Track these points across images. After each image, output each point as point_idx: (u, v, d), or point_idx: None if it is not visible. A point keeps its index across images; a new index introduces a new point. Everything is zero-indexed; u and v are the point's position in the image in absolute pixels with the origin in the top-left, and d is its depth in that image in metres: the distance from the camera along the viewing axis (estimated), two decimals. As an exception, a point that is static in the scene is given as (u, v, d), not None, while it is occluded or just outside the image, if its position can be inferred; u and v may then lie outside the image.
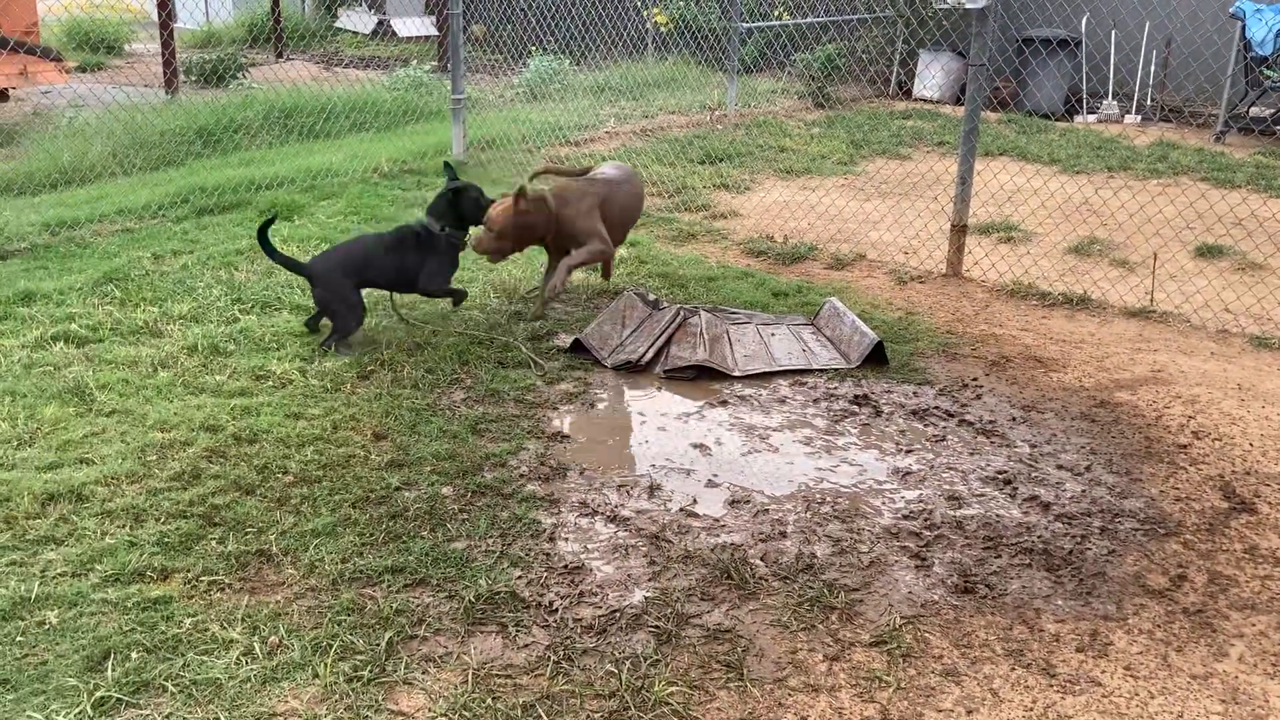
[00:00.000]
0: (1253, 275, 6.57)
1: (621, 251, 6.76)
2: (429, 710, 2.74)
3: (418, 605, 3.16)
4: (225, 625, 3.03)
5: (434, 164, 8.95)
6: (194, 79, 12.72)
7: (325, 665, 2.87)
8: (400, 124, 10.47)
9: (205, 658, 2.90)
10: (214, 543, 3.44)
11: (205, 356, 4.88)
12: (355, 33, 18.13)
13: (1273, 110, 11.66)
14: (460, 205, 5.48)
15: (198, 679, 2.81)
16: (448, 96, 9.34)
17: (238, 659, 2.90)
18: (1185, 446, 4.32)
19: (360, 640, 2.98)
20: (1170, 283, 6.33)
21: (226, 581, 3.25)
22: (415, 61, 13.75)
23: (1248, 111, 11.75)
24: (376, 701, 2.76)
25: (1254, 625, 3.21)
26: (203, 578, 3.26)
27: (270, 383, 4.64)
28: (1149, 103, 13.06)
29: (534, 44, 13.99)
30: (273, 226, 5.47)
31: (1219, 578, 3.45)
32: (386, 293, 5.46)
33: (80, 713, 2.69)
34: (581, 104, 11.59)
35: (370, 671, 2.86)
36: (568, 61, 13.13)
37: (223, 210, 7.38)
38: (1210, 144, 11.19)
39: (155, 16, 12.16)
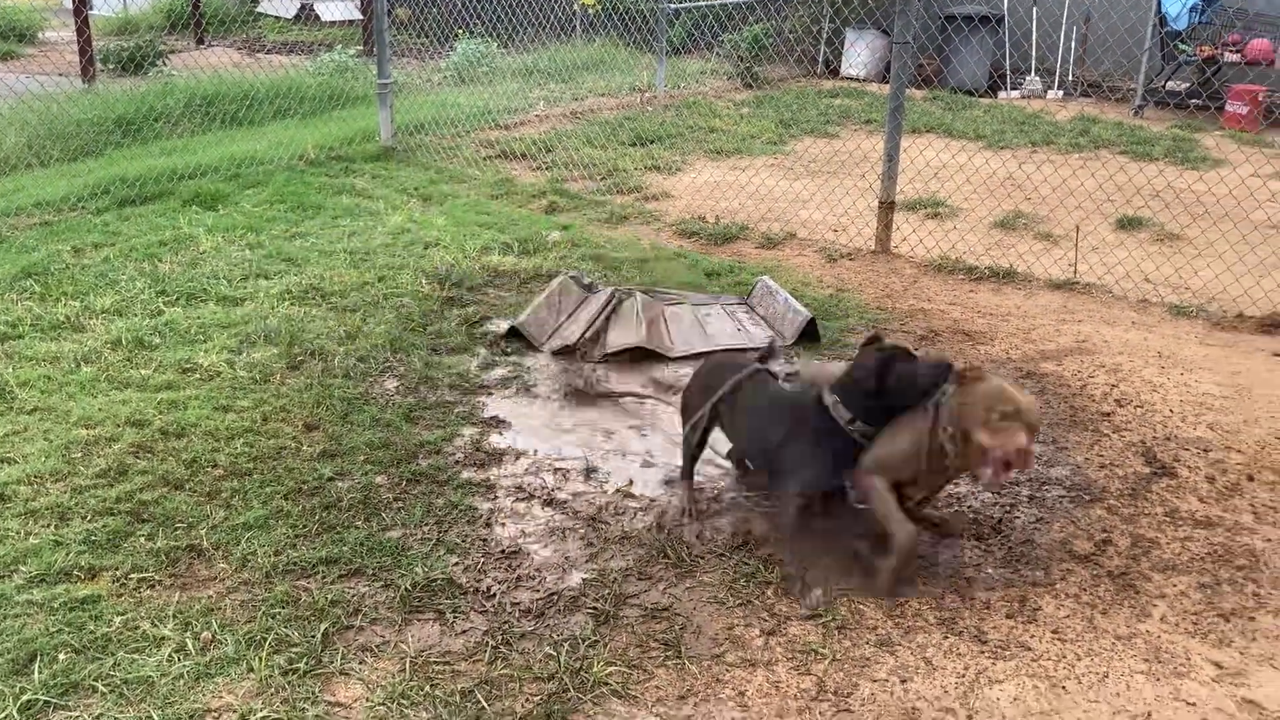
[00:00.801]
0: (1171, 246, 6.74)
1: (555, 235, 6.75)
2: (366, 700, 2.73)
3: (353, 595, 3.14)
4: (156, 622, 2.99)
5: (361, 150, 8.84)
6: (111, 67, 12.41)
7: (260, 659, 2.84)
8: (326, 110, 10.32)
9: (136, 656, 2.85)
10: (143, 539, 3.38)
11: (129, 350, 4.78)
12: (277, 18, 17.81)
13: (1188, 84, 11.93)
14: (888, 386, 3.26)
15: (129, 678, 2.77)
16: (373, 81, 9.22)
17: (170, 656, 2.86)
18: (1109, 414, 4.43)
19: (295, 632, 2.96)
20: (1093, 254, 6.46)
21: (157, 578, 3.20)
22: (340, 46, 13.55)
23: (1164, 86, 12.02)
24: (313, 693, 2.74)
25: (1175, 586, 3.31)
26: (132, 575, 3.20)
27: (197, 375, 4.56)
28: (1070, 78, 13.30)
29: (460, 27, 13.85)
30: (197, 216, 5.26)
31: (1141, 541, 3.54)
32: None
33: (6, 716, 2.63)
34: (510, 87, 11.52)
35: (306, 663, 2.84)
36: (495, 44, 13.02)
37: (145, 201, 7.22)
38: (1129, 118, 11.43)
39: (69, 3, 11.82)
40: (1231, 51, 11.82)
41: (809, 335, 5.18)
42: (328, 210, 7.13)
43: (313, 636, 2.94)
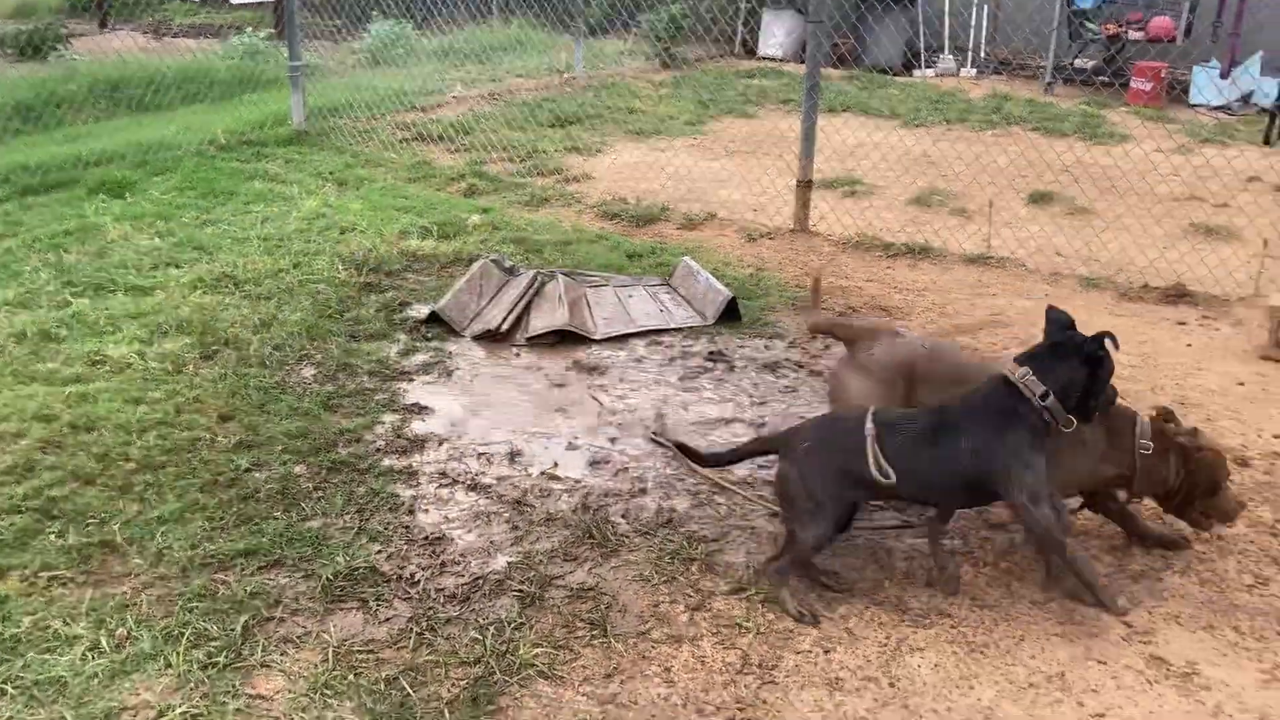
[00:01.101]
0: (1081, 219, 6.90)
1: (475, 218, 6.69)
2: (289, 691, 2.69)
3: (273, 587, 3.09)
4: (68, 621, 2.91)
5: (274, 134, 8.66)
6: (9, 51, 11.98)
7: (178, 654, 2.78)
8: (236, 94, 10.07)
9: (48, 656, 2.78)
10: (53, 536, 3.29)
11: (35, 343, 4.63)
12: (185, 0, 17.33)
13: (1094, 61, 12.21)
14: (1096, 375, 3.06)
15: (40, 679, 2.70)
16: (285, 64, 9.02)
17: (83, 655, 2.79)
18: (1021, 385, 4.52)
19: (214, 626, 2.90)
20: (1005, 229, 6.59)
21: (68, 576, 3.12)
22: (250, 28, 13.23)
23: (1072, 63, 12.28)
24: (233, 687, 2.70)
25: (1088, 550, 3.39)
26: (42, 573, 3.11)
27: (107, 368, 4.44)
28: (982, 56, 13.52)
29: (374, 8, 13.61)
30: (103, 204, 5.10)
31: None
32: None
33: (-88, 724, 2.55)
34: (426, 69, 11.36)
35: (226, 657, 2.79)
36: (410, 25, 12.83)
37: (48, 189, 6.99)
38: (1040, 95, 11.65)
39: (-39, -15, 11.39)
40: (1135, 29, 12.12)
41: (730, 314, 5.21)
42: (240, 196, 6.97)
43: (232, 630, 2.89)
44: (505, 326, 4.98)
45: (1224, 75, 10.64)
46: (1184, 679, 2.82)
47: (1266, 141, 9.23)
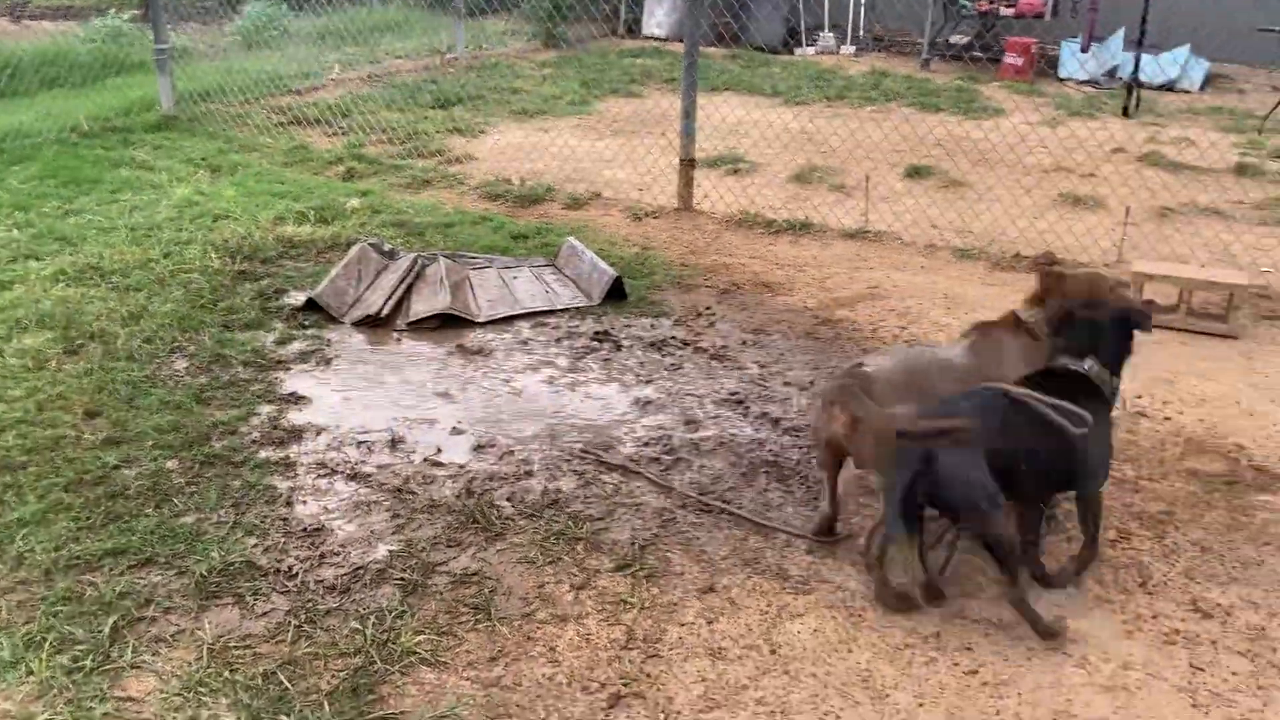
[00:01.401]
0: (955, 192, 7.07)
1: (354, 202, 6.56)
2: (161, 691, 2.62)
3: (144, 586, 3.00)
4: (-78, 632, 2.78)
5: (141, 120, 8.36)
6: None
7: (40, 660, 2.68)
8: (100, 78, 9.67)
9: (-101, 670, 2.65)
10: (-96, 545, 3.13)
11: (-118, 344, 4.40)
12: (44, -19, 16.55)
13: (968, 38, 12.51)
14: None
15: (-109, 694, 2.57)
16: (151, 47, 8.70)
17: (-62, 667, 2.66)
18: (899, 355, 4.63)
19: (80, 629, 2.80)
20: (883, 204, 6.72)
21: (-79, 585, 2.97)
22: (113, 10, 12.71)
23: (947, 39, 12.57)
24: (101, 690, 2.61)
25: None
26: (-108, 584, 2.96)
27: (-38, 367, 4.24)
28: (861, 34, 13.75)
29: (247, -11, 13.22)
30: None
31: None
32: None
33: None
34: (303, 51, 11.08)
35: (93, 660, 2.69)
36: (285, 6, 12.48)
37: (-105, 181, 6.64)
38: (917, 71, 11.91)
39: None
40: (1006, 5, 12.45)
41: (616, 294, 5.21)
42: (105, 184, 6.71)
43: (99, 632, 2.79)
44: (385, 311, 4.90)
45: (1084, 49, 11.00)
46: (1052, 632, 2.93)
47: (1125, 113, 9.58)
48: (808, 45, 13.43)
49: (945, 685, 2.72)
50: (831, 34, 13.57)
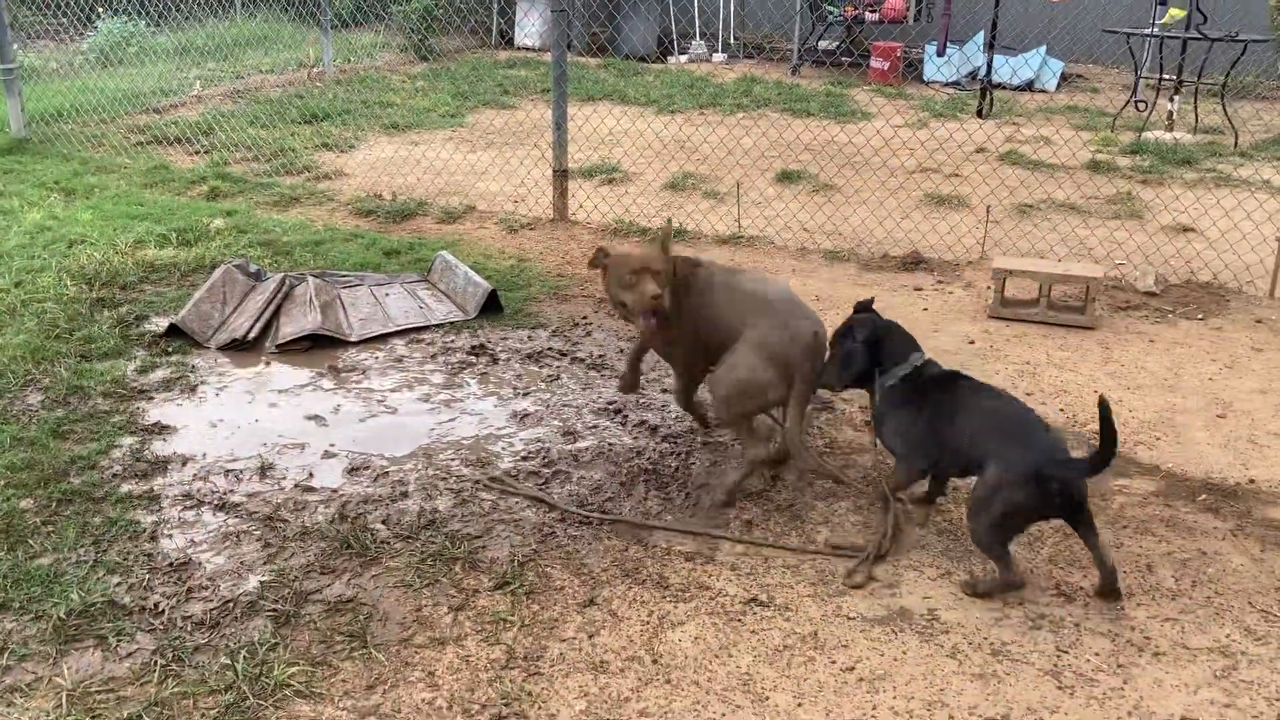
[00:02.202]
0: (825, 195, 7.21)
1: (218, 222, 6.37)
2: (16, 746, 2.49)
3: (-3, 634, 2.85)
4: None
5: (-10, 143, 7.99)
6: None
7: (-118, 721, 2.53)
8: (-58, 100, 9.21)
9: None
10: None
11: None
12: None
13: (837, 43, 12.80)
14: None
15: None
16: (-3, 66, 8.33)
17: None
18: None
19: (-74, 685, 2.65)
20: (754, 209, 6.82)
21: None
22: (-42, 28, 12.12)
23: (816, 45, 12.83)
24: (-50, 749, 2.48)
25: (835, 511, 3.56)
26: None
27: None
28: (733, 41, 13.94)
29: (101, 4, 12.75)
30: None
31: (805, 473, 3.79)
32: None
33: None
34: (162, 68, 10.74)
35: (-60, 717, 2.56)
36: (143, 23, 12.09)
37: None
38: (787, 77, 12.13)
39: None
40: (870, 10, 12.77)
41: (491, 307, 5.17)
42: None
43: (-52, 686, 2.65)
44: (253, 335, 4.77)
45: (940, 53, 11.36)
46: (926, 625, 3.00)
47: (980, 114, 9.91)
48: (680, 54, 13.57)
49: (824, 684, 2.76)
50: (703, 42, 13.73)
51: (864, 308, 3.56)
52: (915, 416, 3.29)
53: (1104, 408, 2.84)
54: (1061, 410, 4.27)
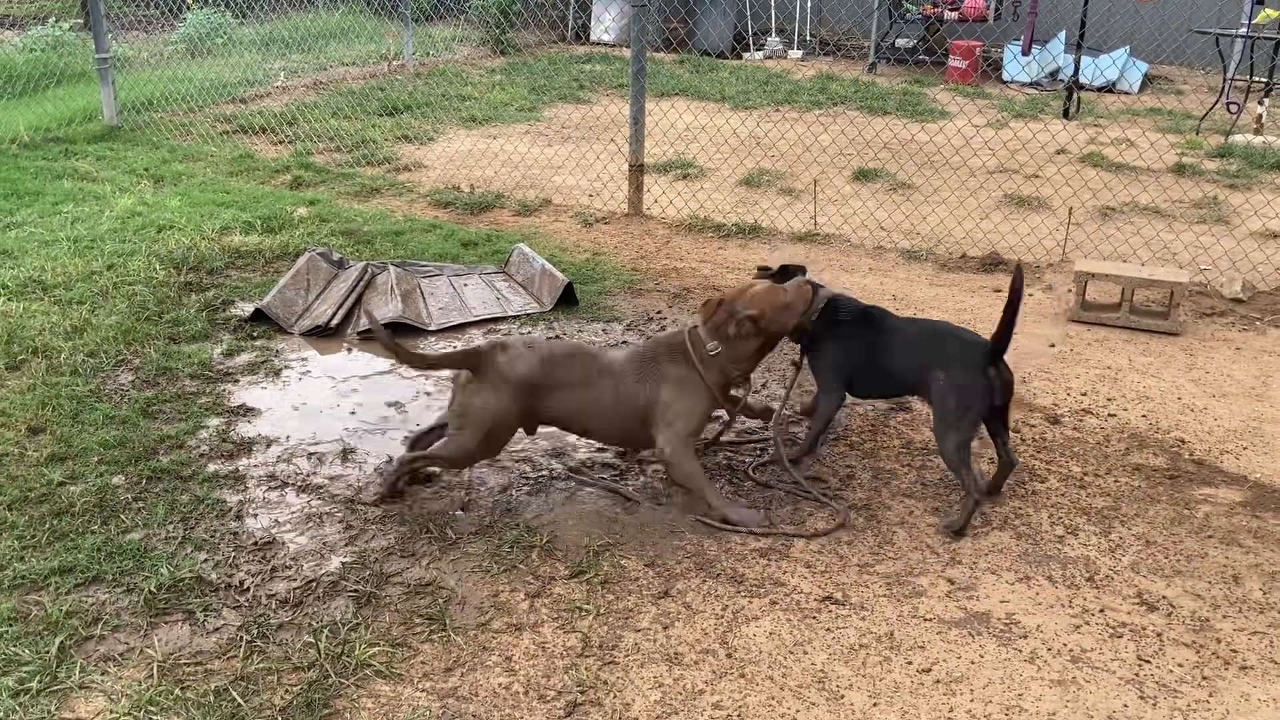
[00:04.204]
0: (902, 194, 7.15)
1: (301, 211, 6.50)
2: (110, 712, 2.57)
3: (92, 604, 2.95)
4: None
5: (84, 130, 8.22)
6: None
7: (-15, 683, 2.62)
8: (40, 88, 9.51)
9: None
10: None
11: None
12: (-20, -12, 16.25)
13: (913, 41, 12.66)
14: None
15: None
16: (93, 56, 8.57)
17: (-122, 692, 2.60)
18: (849, 356, 4.67)
19: (26, 650, 2.75)
20: (830, 206, 6.78)
21: None
22: (54, 18, 12.50)
23: (894, 43, 12.71)
24: (49, 712, 2.56)
25: (912, 512, 3.54)
26: None
27: (-101, 384, 4.15)
28: (809, 38, 13.86)
29: (190, -4, 13.06)
30: None
31: (881, 473, 3.77)
32: None
33: None
34: (247, 59, 10.97)
35: (39, 682, 2.64)
36: (229, 14, 12.36)
37: None
38: (864, 75, 12.03)
39: None
40: (950, 9, 12.61)
41: (567, 300, 5.21)
42: (47, 196, 6.60)
43: (46, 652, 2.74)
44: (335, 322, 4.86)
45: (1025, 52, 11.18)
46: (1004, 629, 2.97)
47: (1067, 115, 9.74)
48: (755, 50, 13.52)
49: (899, 685, 2.75)
50: (779, 38, 13.67)
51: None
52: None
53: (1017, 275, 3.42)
54: (1144, 417, 4.19)
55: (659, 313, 5.14)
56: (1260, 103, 9.04)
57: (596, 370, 3.44)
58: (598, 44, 14.13)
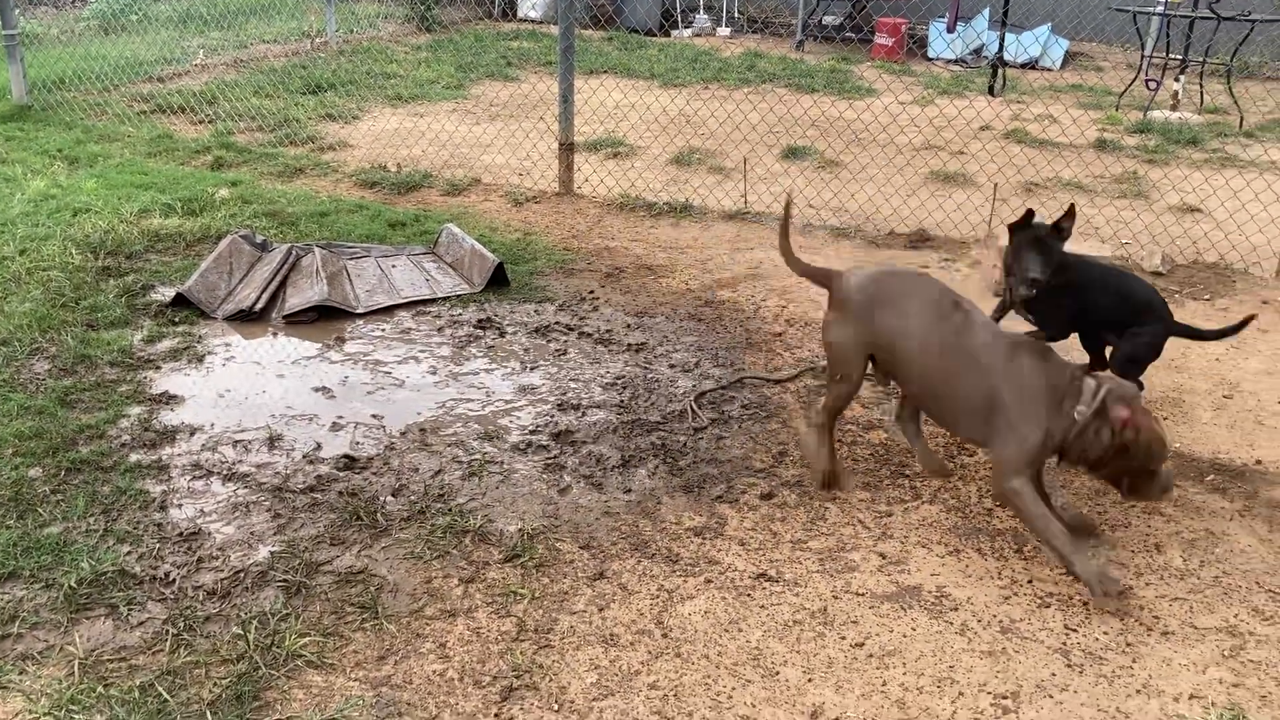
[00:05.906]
0: (830, 172, 7.19)
1: (223, 192, 6.35)
2: (29, 712, 2.50)
3: (9, 601, 2.86)
4: None
5: (-8, 110, 7.94)
6: None
7: (-104, 687, 2.53)
8: (-56, 66, 9.15)
9: None
10: None
11: None
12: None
13: (839, 18, 12.73)
14: None
15: None
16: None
17: None
18: (780, 334, 4.70)
19: (-61, 652, 2.66)
20: (760, 184, 6.80)
21: None
22: (-42, -6, 12.04)
23: (820, 20, 12.76)
24: (-36, 715, 2.48)
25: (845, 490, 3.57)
26: None
27: None
28: (737, 15, 13.86)
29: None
30: None
31: (813, 449, 3.79)
32: None
33: None
34: (165, 36, 10.67)
35: (-46, 684, 2.56)
36: (144, -10, 12.01)
37: None
38: (791, 52, 12.06)
39: None
40: (876, -13, 12.69)
41: (498, 280, 5.16)
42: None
43: (-39, 653, 2.66)
44: (259, 305, 4.76)
45: (950, 29, 11.30)
46: (935, 602, 3.01)
47: (991, 92, 9.87)
48: (683, 27, 13.49)
49: (834, 659, 2.77)
50: (706, 15, 13.66)
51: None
52: None
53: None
54: (1069, 389, 4.26)
55: (591, 292, 5.11)
56: (1176, 79, 9.24)
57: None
58: (525, 20, 13.99)
